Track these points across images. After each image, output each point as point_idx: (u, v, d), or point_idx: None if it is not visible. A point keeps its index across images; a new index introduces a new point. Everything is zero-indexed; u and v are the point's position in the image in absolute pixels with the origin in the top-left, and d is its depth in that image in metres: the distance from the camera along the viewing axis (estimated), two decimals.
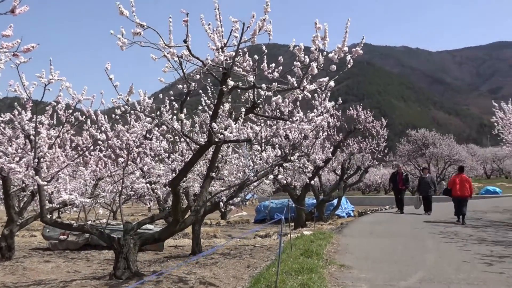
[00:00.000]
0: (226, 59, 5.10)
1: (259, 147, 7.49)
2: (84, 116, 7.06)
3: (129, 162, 7.11)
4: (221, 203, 7.35)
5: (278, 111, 7.89)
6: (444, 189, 14.76)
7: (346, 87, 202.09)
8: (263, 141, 7.75)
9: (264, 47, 5.51)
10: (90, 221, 9.06)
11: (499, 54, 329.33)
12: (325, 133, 9.58)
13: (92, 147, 8.23)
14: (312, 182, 14.42)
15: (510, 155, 13.81)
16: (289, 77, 5.48)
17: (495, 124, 12.11)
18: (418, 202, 15.56)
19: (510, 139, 11.81)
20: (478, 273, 6.08)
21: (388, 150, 20.41)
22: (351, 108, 13.75)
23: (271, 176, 6.26)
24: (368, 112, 14.28)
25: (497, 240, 9.02)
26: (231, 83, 4.96)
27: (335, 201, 17.25)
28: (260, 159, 7.26)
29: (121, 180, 6.87)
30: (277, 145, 8.01)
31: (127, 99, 5.07)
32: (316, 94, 8.75)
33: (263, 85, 5.09)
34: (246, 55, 5.57)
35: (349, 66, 4.99)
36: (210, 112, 6.56)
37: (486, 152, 57.81)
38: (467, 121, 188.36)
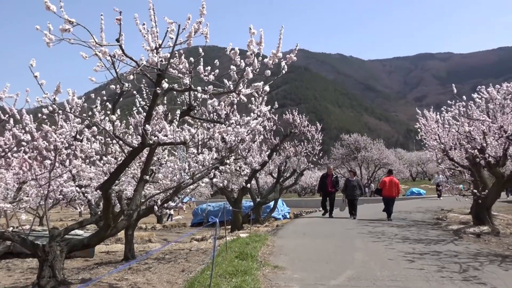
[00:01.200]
0: (162, 60, 5.02)
1: (195, 150, 7.43)
2: (6, 115, 6.58)
3: (57, 165, 6.74)
4: (156, 207, 7.19)
5: (215, 114, 7.91)
6: (376, 189, 17.96)
7: (284, 92, 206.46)
8: (199, 143, 7.72)
9: (200, 50, 5.49)
10: (12, 228, 8.45)
11: (424, 64, 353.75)
12: (262, 136, 9.76)
13: (15, 148, 7.69)
14: (249, 185, 14.55)
15: (432, 159, 14.80)
16: (226, 80, 5.51)
17: (419, 130, 12.97)
18: (343, 205, 14.74)
19: (431, 144, 12.68)
20: (401, 269, 6.48)
21: (323, 153, 21.08)
22: (287, 112, 14.08)
23: (206, 179, 6.24)
24: (304, 116, 14.69)
25: (419, 239, 9.68)
26: (165, 85, 4.88)
27: (271, 204, 17.52)
28: (197, 162, 7.21)
29: (47, 184, 6.50)
30: (213, 148, 8.00)
31: (54, 98, 4.82)
32: (253, 98, 8.85)
33: (199, 88, 5.08)
34: (182, 57, 5.52)
35: (284, 72, 5.11)
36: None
37: (412, 156, 61.75)
38: (396, 126, 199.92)
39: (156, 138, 5.14)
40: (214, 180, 6.07)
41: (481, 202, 11.28)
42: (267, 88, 5.23)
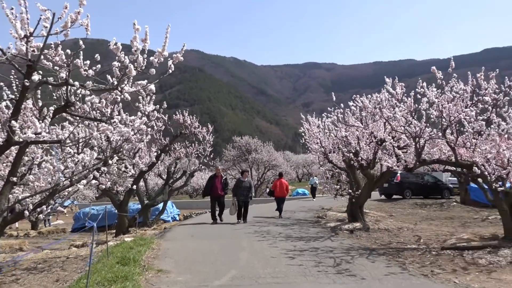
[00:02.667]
0: (34, 51, 4.57)
1: (75, 149, 6.90)
2: None
3: None
4: (27, 212, 6.50)
5: (98, 112, 7.44)
6: (269, 191, 17.98)
7: (178, 92, 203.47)
8: (80, 142, 7.19)
9: (81, 42, 5.12)
10: None
11: (311, 73, 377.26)
12: (149, 136, 9.48)
13: None
14: (136, 186, 13.99)
15: (316, 161, 15.82)
16: (109, 77, 5.22)
17: (303, 134, 13.80)
18: (233, 208, 13.27)
19: (314, 147, 13.57)
20: (282, 266, 6.79)
21: (215, 155, 21.16)
22: (177, 113, 13.87)
23: (84, 181, 5.82)
24: (195, 117, 14.61)
25: (301, 236, 10.26)
26: (36, 77, 4.45)
27: (160, 206, 17.09)
28: (76, 163, 6.70)
29: None
30: (95, 148, 7.52)
31: None
32: (140, 97, 8.54)
33: (77, 83, 4.73)
34: (59, 49, 5.08)
35: (170, 71, 5.01)
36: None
37: (298, 158, 65.44)
38: (285, 130, 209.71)
39: (25, 135, 4.65)
40: (93, 181, 5.69)
41: (355, 201, 12.39)
42: (152, 87, 5.09)
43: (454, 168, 10.22)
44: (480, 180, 8.94)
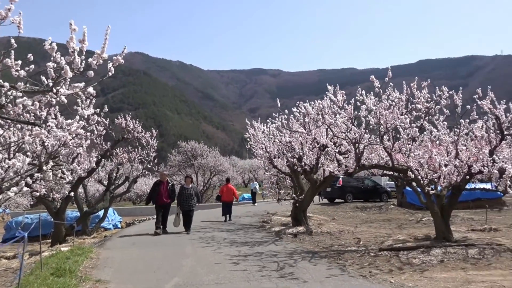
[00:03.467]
0: None
1: (6, 154, 6.47)
2: None
3: None
4: None
5: (32, 114, 7.02)
6: (217, 196, 18.55)
7: (121, 95, 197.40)
8: (11, 147, 6.75)
9: (13, 41, 4.82)
10: None
11: (258, 79, 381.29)
12: (88, 141, 9.08)
13: None
14: (75, 193, 13.35)
15: (261, 166, 15.95)
16: (44, 78, 4.95)
17: (248, 139, 13.88)
18: (178, 219, 12.17)
19: (259, 153, 13.69)
20: (226, 272, 6.76)
21: (160, 160, 20.71)
22: (119, 117, 13.43)
23: (15, 188, 5.46)
24: (138, 121, 14.22)
25: (245, 241, 10.29)
26: None
27: (101, 213, 16.42)
28: (7, 169, 6.27)
29: None
30: (29, 153, 7.10)
31: None
32: (79, 100, 8.18)
33: (7, 84, 4.44)
34: None
35: (110, 74, 4.83)
36: None
37: (245, 164, 65.72)
38: (231, 135, 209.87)
39: None
40: (25, 189, 5.36)
41: (299, 205, 12.63)
42: (91, 90, 4.90)
43: (391, 173, 10.71)
44: (414, 183, 9.47)
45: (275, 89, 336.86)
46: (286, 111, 11.91)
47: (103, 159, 13.91)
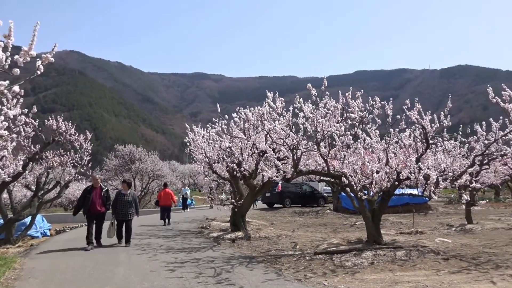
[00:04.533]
0: None
1: None
2: None
3: None
4: None
5: None
6: (155, 201, 18.88)
7: (54, 95, 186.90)
8: None
9: None
10: None
11: (200, 83, 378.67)
12: (14, 143, 8.48)
13: None
14: None
15: (201, 171, 15.77)
16: None
17: (188, 144, 13.71)
18: (112, 229, 10.67)
19: (199, 157, 13.57)
20: (161, 280, 6.60)
21: (95, 164, 19.87)
22: (50, 118, 12.68)
23: None
24: (71, 123, 13.51)
25: (183, 248, 10.12)
26: None
27: (28, 220, 15.37)
28: None
29: None
30: None
31: None
32: (4, 99, 7.64)
33: None
34: None
35: (39, 72, 4.56)
36: None
37: (185, 168, 64.80)
38: (172, 139, 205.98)
39: None
40: None
41: (238, 210, 12.66)
42: (16, 88, 4.59)
43: (328, 178, 11.08)
44: (348, 189, 9.86)
45: (217, 94, 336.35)
46: (227, 116, 11.90)
47: (31, 163, 13.05)
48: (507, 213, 19.22)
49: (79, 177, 16.62)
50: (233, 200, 12.88)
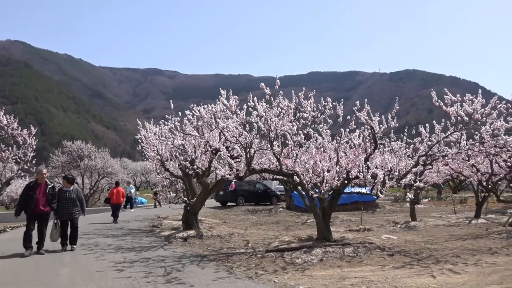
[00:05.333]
0: None
1: None
2: None
3: None
4: None
5: None
6: (105, 198, 18.53)
7: None
8: None
9: None
10: None
11: (153, 79, 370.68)
12: None
13: None
14: None
15: (154, 169, 15.41)
16: None
17: (139, 141, 13.39)
18: (56, 231, 9.41)
19: (151, 155, 13.28)
20: (108, 280, 6.40)
21: (41, 160, 18.95)
22: None
23: None
24: (13, 117, 12.82)
25: (132, 247, 9.87)
26: None
27: None
28: None
29: None
30: None
31: None
32: None
33: None
34: None
35: None
36: None
37: (137, 166, 63.20)
38: (123, 136, 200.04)
39: None
40: None
41: (190, 209, 12.53)
42: None
43: (281, 177, 11.21)
44: (300, 187, 10.03)
45: (171, 91, 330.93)
46: (180, 113, 11.73)
47: None
48: (447, 211, 20.35)
49: (22, 174, 15.83)
50: (186, 199, 12.73)
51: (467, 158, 12.53)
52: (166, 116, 12.39)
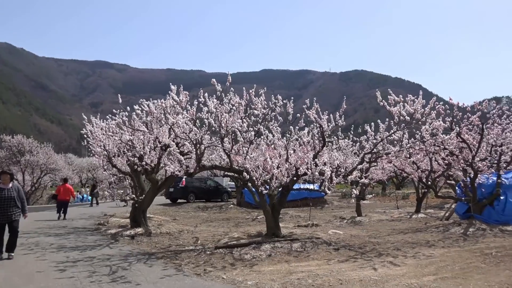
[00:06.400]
0: None
1: None
2: None
3: None
4: None
5: None
6: (52, 195, 19.32)
7: None
8: None
9: None
10: None
11: (102, 72, 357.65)
12: None
13: None
14: None
15: (101, 165, 14.86)
16: None
17: (85, 136, 12.89)
18: None
19: (97, 150, 12.83)
20: (49, 281, 6.14)
21: None
22: None
23: None
24: None
25: (76, 246, 9.52)
26: None
27: None
28: None
29: None
30: None
31: None
32: None
33: None
34: None
35: None
36: None
37: (82, 162, 60.73)
38: (69, 131, 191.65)
39: None
40: None
41: (138, 206, 12.25)
42: None
43: (232, 173, 11.23)
44: (250, 184, 10.08)
45: (120, 85, 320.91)
46: (129, 108, 11.41)
47: None
48: (391, 206, 21.30)
49: None
50: (134, 196, 12.43)
51: (409, 156, 13.13)
52: (114, 110, 12.00)
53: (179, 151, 9.87)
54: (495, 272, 6.48)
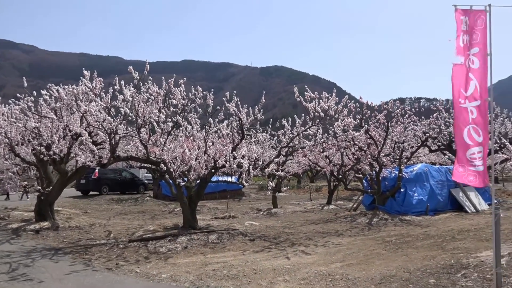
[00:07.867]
0: None
1: None
2: None
3: None
4: None
5: None
6: None
7: None
8: None
9: None
10: None
11: (5, 52, 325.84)
12: None
13: None
14: None
15: (1, 154, 13.52)
16: None
17: None
18: None
19: None
20: None
21: None
22: None
23: None
24: None
25: None
26: None
27: None
28: None
29: None
30: None
31: None
32: None
33: None
34: None
35: None
36: None
37: None
38: None
39: None
40: None
41: (44, 198, 11.42)
42: None
43: (148, 165, 10.91)
44: (167, 176, 9.90)
45: (26, 67, 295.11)
46: (35, 93, 10.52)
47: None
48: (305, 198, 22.24)
49: None
50: (39, 187, 11.56)
51: (322, 150, 13.79)
52: (18, 95, 11.00)
53: (91, 140, 9.34)
54: (394, 257, 7.08)
